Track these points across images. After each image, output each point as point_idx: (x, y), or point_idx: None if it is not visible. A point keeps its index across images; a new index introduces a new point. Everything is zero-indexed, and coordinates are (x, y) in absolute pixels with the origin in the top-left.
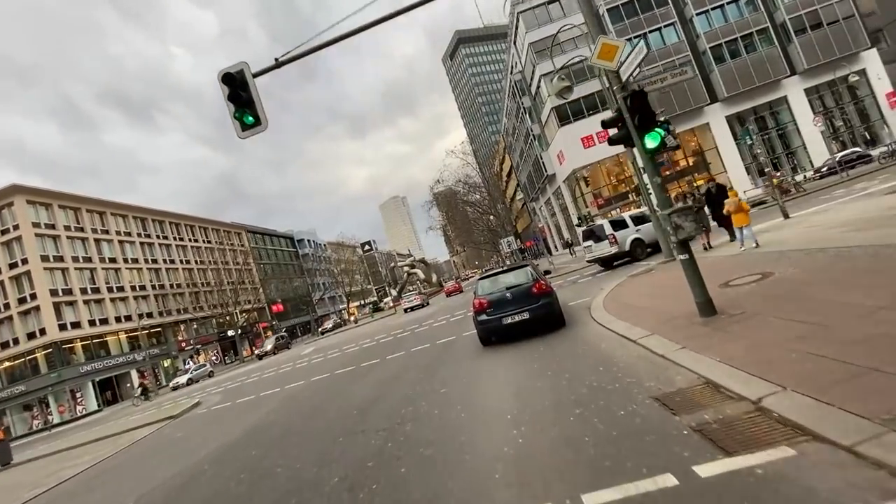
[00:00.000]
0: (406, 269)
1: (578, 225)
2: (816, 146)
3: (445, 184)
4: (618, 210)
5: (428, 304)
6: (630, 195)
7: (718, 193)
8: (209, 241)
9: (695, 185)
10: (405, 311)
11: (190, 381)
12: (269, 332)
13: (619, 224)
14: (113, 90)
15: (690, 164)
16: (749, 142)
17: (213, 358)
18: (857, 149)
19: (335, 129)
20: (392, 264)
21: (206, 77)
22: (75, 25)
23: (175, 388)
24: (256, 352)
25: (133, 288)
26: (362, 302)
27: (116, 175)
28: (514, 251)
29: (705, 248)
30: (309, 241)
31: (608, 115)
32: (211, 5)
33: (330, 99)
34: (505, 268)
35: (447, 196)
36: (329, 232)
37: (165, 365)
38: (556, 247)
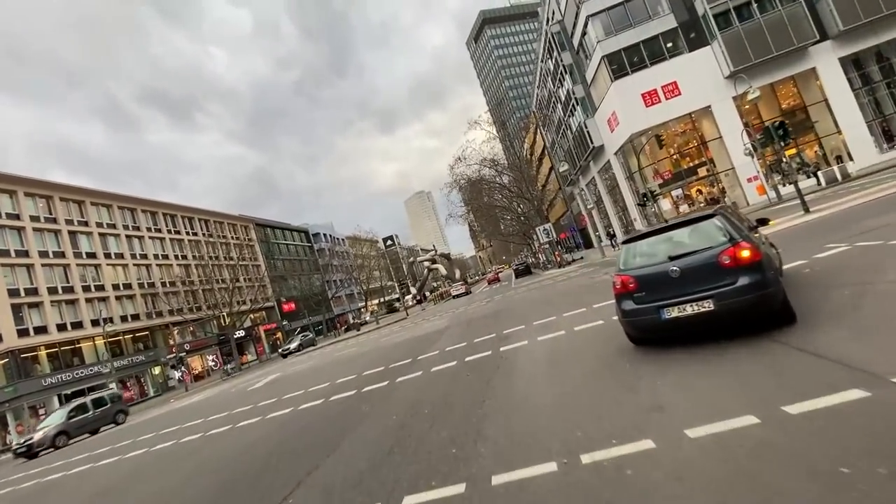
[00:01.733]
0: (427, 264)
1: (641, 204)
2: None
3: (468, 163)
4: (683, 190)
5: (471, 291)
6: (703, 168)
7: None
8: (210, 235)
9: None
10: (454, 297)
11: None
12: (279, 334)
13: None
14: (154, 90)
15: (792, 121)
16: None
17: (213, 363)
18: None
19: (364, 124)
20: (412, 259)
21: (240, 75)
22: (118, 25)
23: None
24: (280, 350)
25: (116, 287)
26: (382, 299)
27: (159, 174)
28: (552, 241)
29: None
30: (326, 235)
31: (678, 62)
32: (246, 3)
33: (360, 94)
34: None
35: (472, 183)
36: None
37: (155, 373)
38: (600, 237)
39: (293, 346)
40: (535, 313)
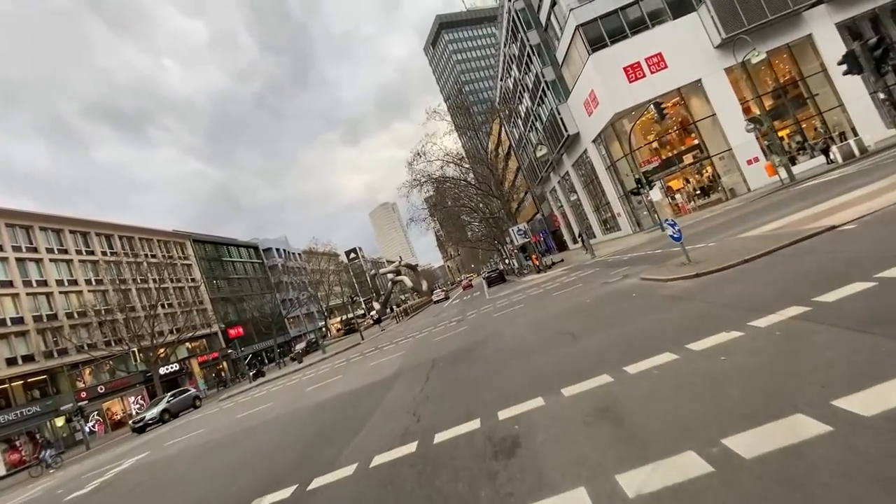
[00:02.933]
0: (391, 276)
1: (634, 192)
2: None
3: (428, 158)
4: (663, 182)
5: (449, 297)
6: (690, 154)
7: None
8: (134, 254)
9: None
10: (434, 303)
11: None
12: (223, 364)
13: None
14: (103, 105)
15: (787, 96)
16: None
17: (137, 406)
18: None
19: (329, 136)
20: (373, 271)
21: (196, 88)
22: (63, 38)
23: None
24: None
25: (2, 322)
26: (344, 317)
27: (109, 194)
28: (528, 243)
29: None
30: (280, 250)
31: (662, 31)
32: (200, 14)
33: (324, 106)
34: None
35: (435, 184)
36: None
37: (58, 425)
38: (588, 234)
39: (151, 413)
40: (547, 356)
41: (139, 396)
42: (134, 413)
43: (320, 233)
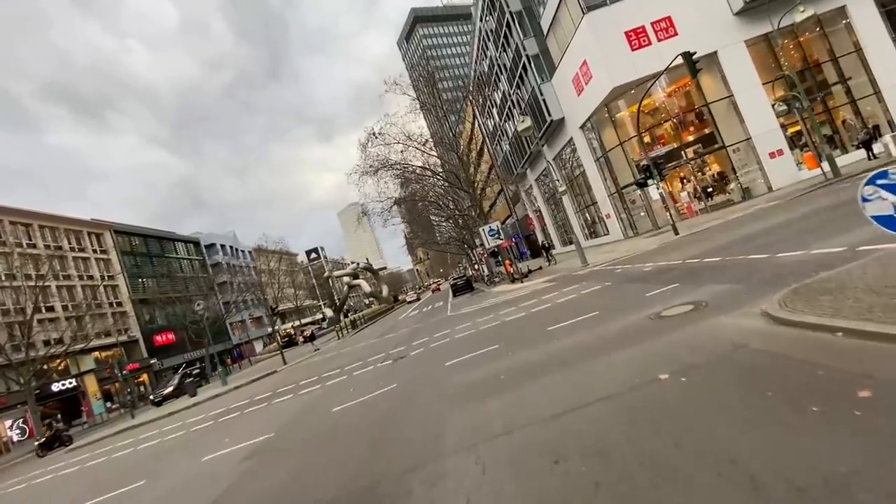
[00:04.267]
0: (347, 279)
1: (640, 183)
2: None
3: (386, 141)
4: (696, 172)
5: (420, 298)
6: (690, 149)
7: None
8: (32, 245)
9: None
10: (408, 302)
11: None
12: (144, 376)
13: None
14: (60, 85)
15: (816, 77)
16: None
17: (17, 433)
18: None
19: (301, 132)
20: (326, 274)
21: (163, 74)
22: (16, 13)
23: None
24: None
25: None
26: (298, 322)
27: (61, 181)
28: (502, 247)
29: None
30: (227, 247)
31: None
32: None
33: (296, 101)
34: None
35: (402, 182)
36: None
37: None
38: (552, 243)
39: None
40: None
41: (20, 420)
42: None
43: (288, 231)
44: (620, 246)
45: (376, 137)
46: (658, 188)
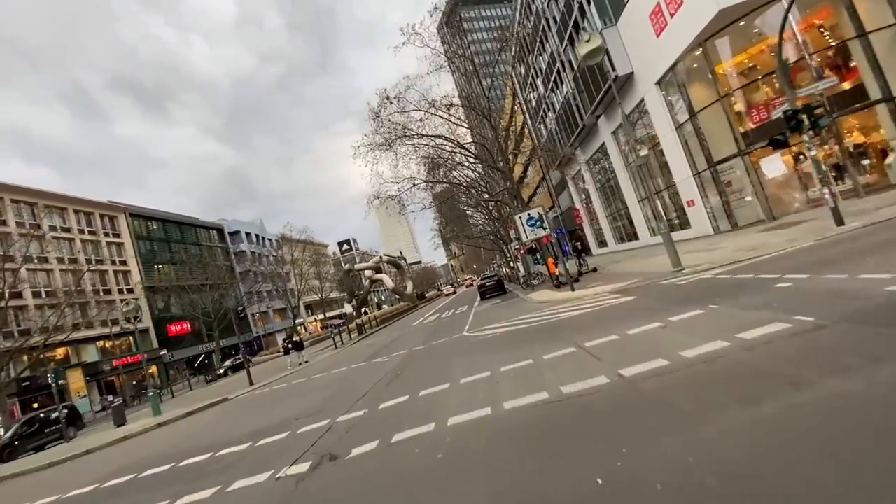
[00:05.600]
0: (368, 274)
1: (777, 141)
2: None
3: (401, 107)
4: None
5: (457, 291)
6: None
7: None
8: (38, 226)
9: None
10: (446, 294)
11: None
12: (153, 368)
13: None
14: (126, 78)
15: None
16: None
17: None
18: None
19: (344, 125)
20: (346, 266)
21: (220, 66)
22: (86, 9)
23: None
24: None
25: None
26: (324, 315)
27: (126, 169)
28: (550, 240)
29: None
30: (252, 235)
31: None
32: None
33: (341, 94)
34: None
35: (427, 161)
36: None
37: None
38: (585, 245)
39: None
40: None
41: (7, 413)
42: None
43: (328, 222)
44: (725, 241)
45: (391, 103)
46: (810, 149)
